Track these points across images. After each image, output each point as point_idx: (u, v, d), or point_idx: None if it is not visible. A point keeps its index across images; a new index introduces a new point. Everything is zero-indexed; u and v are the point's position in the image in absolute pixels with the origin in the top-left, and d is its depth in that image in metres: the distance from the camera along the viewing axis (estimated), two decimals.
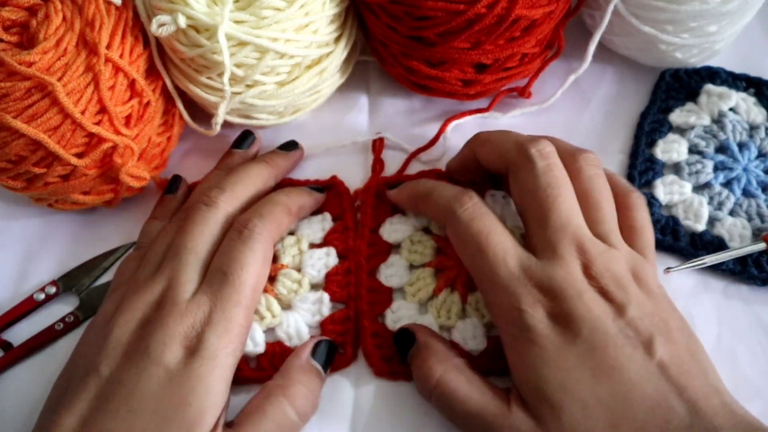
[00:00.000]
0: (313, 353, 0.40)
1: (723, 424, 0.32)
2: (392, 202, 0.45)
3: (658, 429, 0.32)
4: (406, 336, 0.40)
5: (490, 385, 0.37)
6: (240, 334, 0.37)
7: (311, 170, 0.48)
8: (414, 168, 0.49)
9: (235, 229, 0.40)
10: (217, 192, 0.41)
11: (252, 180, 0.43)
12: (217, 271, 0.38)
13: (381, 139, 0.49)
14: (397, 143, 0.49)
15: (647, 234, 0.40)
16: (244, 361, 0.41)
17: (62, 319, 0.44)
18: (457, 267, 0.43)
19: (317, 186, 0.46)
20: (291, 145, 0.47)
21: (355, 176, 0.48)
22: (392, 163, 0.49)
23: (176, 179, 0.47)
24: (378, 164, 0.49)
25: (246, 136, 0.48)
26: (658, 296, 0.37)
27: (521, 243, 0.39)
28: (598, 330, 0.34)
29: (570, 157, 0.40)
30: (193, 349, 0.35)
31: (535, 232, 0.38)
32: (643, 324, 0.35)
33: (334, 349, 0.41)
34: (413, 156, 0.49)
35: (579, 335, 0.34)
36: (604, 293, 0.35)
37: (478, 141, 0.43)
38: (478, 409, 0.36)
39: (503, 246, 0.37)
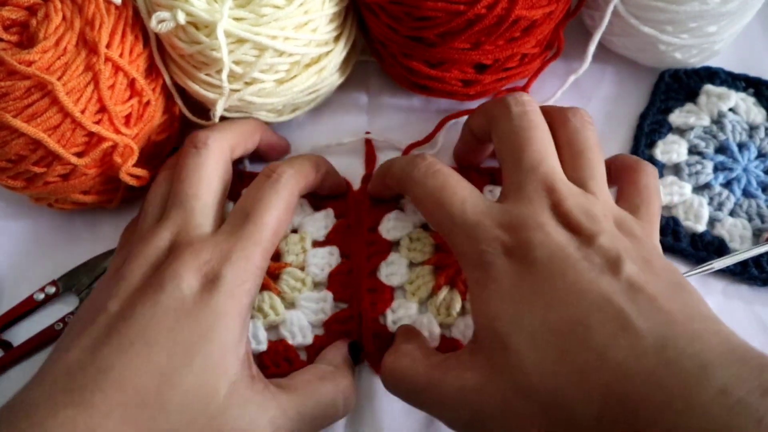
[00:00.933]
0: (349, 351, 0.40)
1: (707, 349, 0.27)
2: (372, 195, 0.45)
3: (620, 355, 0.27)
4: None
5: (444, 354, 0.35)
6: (257, 275, 0.36)
7: None
8: None
9: (263, 174, 0.40)
10: (206, 134, 0.41)
11: (239, 125, 0.44)
12: (239, 211, 0.38)
13: (370, 142, 0.49)
14: (387, 141, 0.49)
15: (646, 195, 0.37)
16: None
17: (62, 319, 0.44)
18: (456, 264, 0.43)
19: None
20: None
21: (354, 176, 0.48)
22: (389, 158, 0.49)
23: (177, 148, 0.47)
24: (370, 163, 0.49)
25: None
26: (646, 245, 0.32)
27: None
28: (557, 255, 0.31)
29: (558, 111, 0.38)
30: (210, 284, 0.34)
31: (506, 176, 0.36)
32: (613, 252, 0.31)
33: (359, 351, 0.41)
34: (407, 151, 0.49)
35: (535, 263, 0.31)
36: (571, 226, 0.32)
37: (471, 114, 0.43)
38: (426, 378, 0.34)
39: (461, 195, 0.36)
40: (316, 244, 0.45)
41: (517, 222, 0.33)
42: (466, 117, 0.49)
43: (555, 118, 0.38)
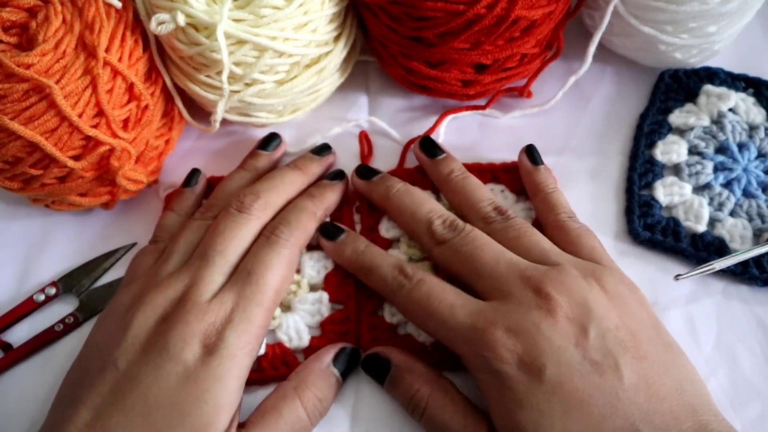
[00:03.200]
0: (335, 359, 0.40)
1: None
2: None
3: None
4: (379, 362, 0.40)
5: (471, 411, 0.37)
6: (259, 335, 0.38)
7: None
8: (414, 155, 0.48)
9: (263, 236, 0.41)
10: (252, 199, 0.42)
11: (285, 188, 0.44)
12: (242, 272, 0.39)
13: (367, 137, 0.49)
14: (383, 129, 0.50)
15: (586, 240, 0.40)
16: None
17: (62, 320, 0.44)
18: None
19: (335, 172, 0.46)
20: (323, 149, 0.47)
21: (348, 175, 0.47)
22: (387, 157, 0.49)
23: (195, 172, 0.47)
24: (367, 158, 0.49)
25: (272, 138, 0.47)
26: (622, 300, 0.36)
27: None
28: (562, 362, 0.34)
29: (476, 213, 0.42)
30: (212, 347, 0.35)
31: (475, 287, 0.38)
32: (608, 343, 0.34)
33: (357, 356, 0.41)
34: (407, 147, 0.49)
35: (545, 371, 0.34)
36: (562, 313, 0.35)
37: (389, 204, 0.44)
38: None
39: (447, 301, 0.37)
40: (311, 247, 0.45)
41: (513, 325, 0.35)
42: (465, 113, 0.50)
43: (478, 220, 0.42)
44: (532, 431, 0.33)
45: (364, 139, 0.49)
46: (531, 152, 0.45)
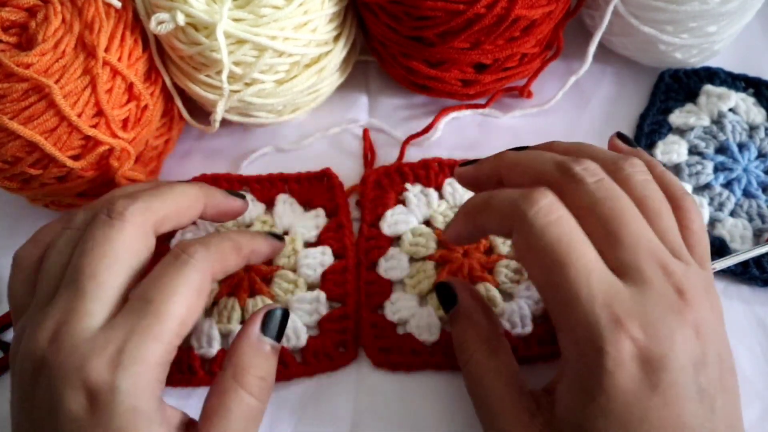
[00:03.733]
0: (263, 328, 0.35)
1: None
2: (449, 239, 0.39)
3: None
4: (449, 294, 0.38)
5: (517, 387, 0.34)
6: (160, 373, 0.31)
7: (304, 169, 0.48)
8: (413, 155, 0.48)
9: (171, 253, 0.34)
10: (125, 202, 0.34)
11: (175, 195, 0.36)
12: (138, 299, 0.32)
13: (368, 135, 0.49)
14: (380, 127, 0.50)
15: (705, 241, 0.34)
16: None
17: None
18: (459, 260, 0.43)
19: (277, 234, 0.42)
20: (236, 194, 0.41)
21: (349, 174, 0.48)
22: (387, 156, 0.49)
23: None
24: (369, 154, 0.49)
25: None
26: (720, 319, 0.32)
27: None
28: (678, 384, 0.29)
29: (614, 165, 0.34)
30: (103, 397, 0.29)
31: (605, 252, 0.31)
32: (713, 375, 0.30)
33: (286, 314, 0.37)
34: (407, 143, 0.49)
35: (658, 387, 0.29)
36: (696, 327, 0.30)
37: (504, 162, 0.37)
38: (494, 411, 0.33)
39: (587, 262, 0.30)
40: (308, 245, 0.45)
41: (651, 324, 0.29)
42: (465, 112, 0.50)
43: (615, 174, 0.34)
44: None
45: (367, 137, 0.49)
46: (625, 138, 0.39)
